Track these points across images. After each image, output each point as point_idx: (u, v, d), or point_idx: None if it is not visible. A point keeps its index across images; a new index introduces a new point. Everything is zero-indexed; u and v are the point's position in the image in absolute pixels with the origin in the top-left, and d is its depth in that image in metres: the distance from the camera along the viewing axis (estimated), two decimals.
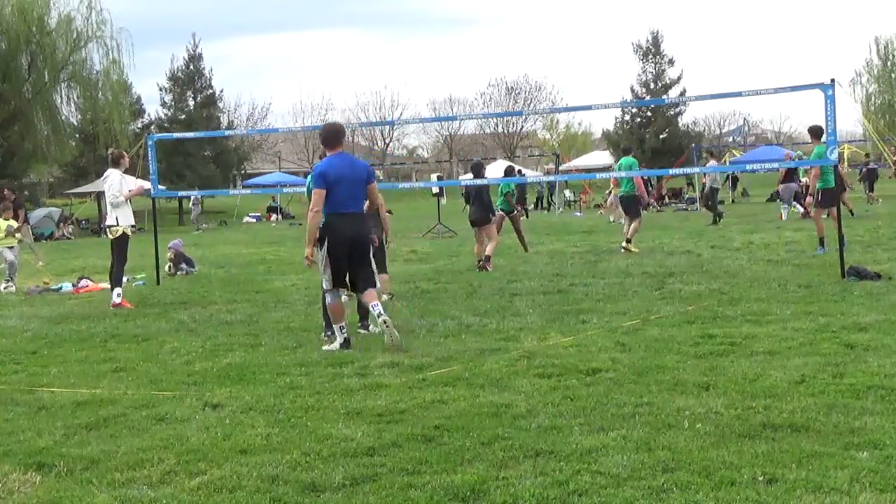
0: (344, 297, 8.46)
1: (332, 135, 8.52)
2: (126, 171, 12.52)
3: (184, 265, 16.75)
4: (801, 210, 24.84)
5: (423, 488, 4.36)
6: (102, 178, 12.81)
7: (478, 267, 14.50)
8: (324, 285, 8.47)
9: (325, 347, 8.27)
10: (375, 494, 4.34)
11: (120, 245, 12.13)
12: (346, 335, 8.29)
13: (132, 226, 12.35)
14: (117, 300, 11.87)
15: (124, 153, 12.66)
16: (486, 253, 14.61)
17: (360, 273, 8.31)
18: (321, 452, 4.99)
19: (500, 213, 16.38)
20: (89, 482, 4.70)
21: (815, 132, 14.59)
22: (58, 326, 10.49)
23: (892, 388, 5.74)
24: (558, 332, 8.50)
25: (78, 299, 13.44)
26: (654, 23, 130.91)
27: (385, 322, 7.99)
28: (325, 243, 8.25)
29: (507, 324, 9.08)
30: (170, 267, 16.66)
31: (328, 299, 8.44)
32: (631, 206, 17.18)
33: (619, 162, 17.76)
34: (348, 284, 8.41)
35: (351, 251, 8.26)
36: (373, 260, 8.49)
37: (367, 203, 8.66)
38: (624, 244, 16.52)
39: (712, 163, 26.08)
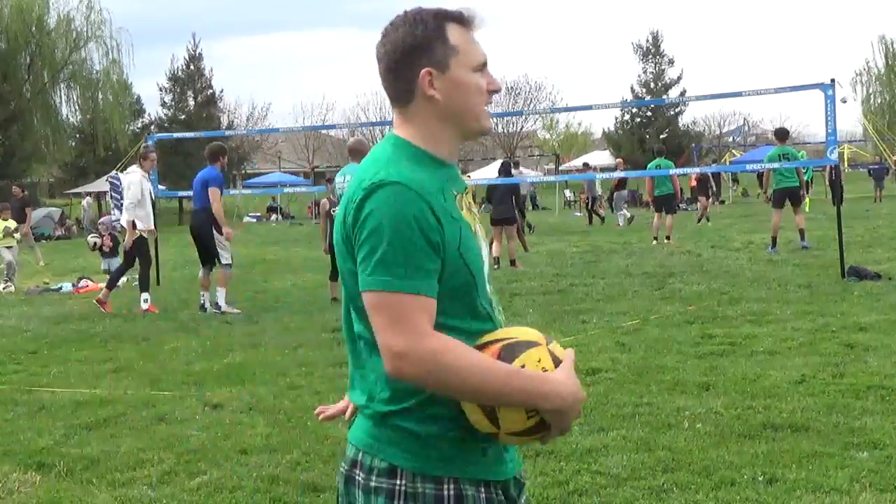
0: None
1: (209, 154, 11.77)
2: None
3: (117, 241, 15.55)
4: (629, 215, 25.88)
5: None
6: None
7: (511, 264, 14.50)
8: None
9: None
10: None
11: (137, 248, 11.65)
12: (202, 302, 11.09)
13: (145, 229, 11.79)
14: (144, 306, 11.33)
15: (144, 153, 12.56)
16: (511, 256, 14.75)
17: (202, 254, 11.21)
18: (321, 452, 4.99)
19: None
20: (89, 482, 4.71)
21: (779, 134, 15.69)
22: (58, 326, 10.48)
23: (892, 388, 5.75)
24: (558, 332, 8.48)
25: (78, 299, 13.44)
26: (654, 23, 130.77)
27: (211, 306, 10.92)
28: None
29: (506, 324, 9.05)
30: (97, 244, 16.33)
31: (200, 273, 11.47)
32: (667, 203, 18.25)
33: (657, 162, 18.40)
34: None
35: (193, 237, 11.29)
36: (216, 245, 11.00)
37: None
38: (666, 240, 17.61)
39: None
